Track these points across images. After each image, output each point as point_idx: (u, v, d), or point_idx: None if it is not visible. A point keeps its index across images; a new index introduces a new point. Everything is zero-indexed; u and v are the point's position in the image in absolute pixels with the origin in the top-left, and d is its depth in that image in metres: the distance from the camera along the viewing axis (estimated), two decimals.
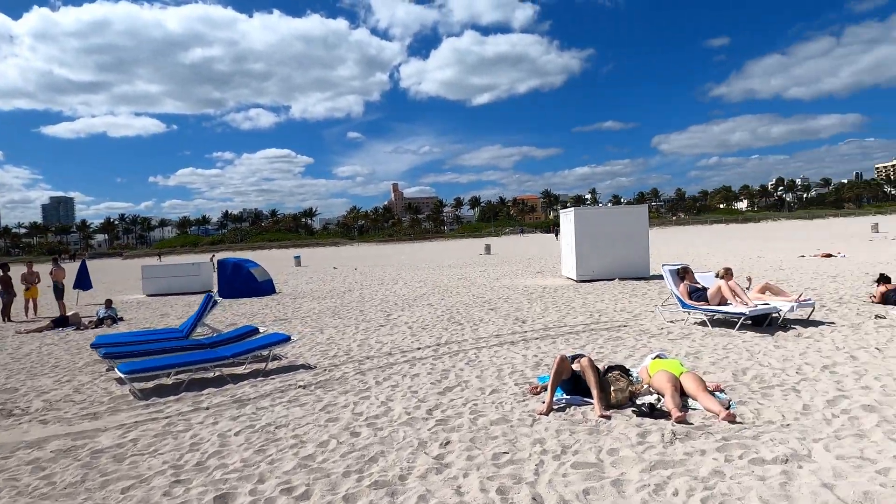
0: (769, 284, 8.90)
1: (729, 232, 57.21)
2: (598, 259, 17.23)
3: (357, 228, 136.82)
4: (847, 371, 5.62)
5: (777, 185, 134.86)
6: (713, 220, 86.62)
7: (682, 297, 8.90)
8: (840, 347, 6.68)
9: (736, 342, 7.28)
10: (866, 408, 4.49)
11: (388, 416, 4.97)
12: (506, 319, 10.30)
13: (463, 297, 14.14)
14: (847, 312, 9.09)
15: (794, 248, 26.92)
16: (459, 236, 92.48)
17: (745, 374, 5.70)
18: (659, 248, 34.04)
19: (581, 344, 7.78)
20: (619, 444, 4.03)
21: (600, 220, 17.66)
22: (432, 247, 65.63)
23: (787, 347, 6.83)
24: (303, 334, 9.84)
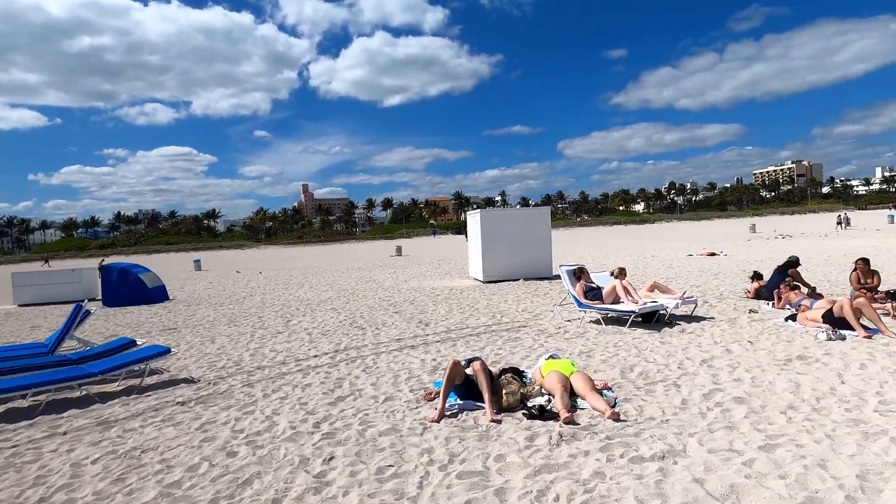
0: (657, 283, 9.37)
1: (627, 233, 60.65)
2: (504, 260, 17.51)
3: (265, 230, 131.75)
4: (722, 364, 5.96)
5: (670, 188, 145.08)
6: (613, 222, 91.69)
7: (578, 297, 9.16)
8: (718, 342, 7.10)
9: (626, 339, 7.55)
10: (737, 400, 4.74)
11: (271, 432, 4.64)
12: (409, 323, 10.15)
13: (369, 301, 13.84)
14: (726, 308, 9.75)
15: (683, 247, 28.85)
16: (371, 238, 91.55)
17: (632, 371, 5.89)
18: (563, 248, 35.33)
19: (481, 346, 7.77)
20: (506, 449, 3.97)
21: (505, 222, 17.98)
22: (343, 249, 64.44)
23: (671, 343, 7.17)
24: (191, 344, 9.16)
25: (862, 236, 30.37)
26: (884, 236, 29.04)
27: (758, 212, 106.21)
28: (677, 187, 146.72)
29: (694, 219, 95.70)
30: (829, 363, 5.74)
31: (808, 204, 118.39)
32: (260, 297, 16.49)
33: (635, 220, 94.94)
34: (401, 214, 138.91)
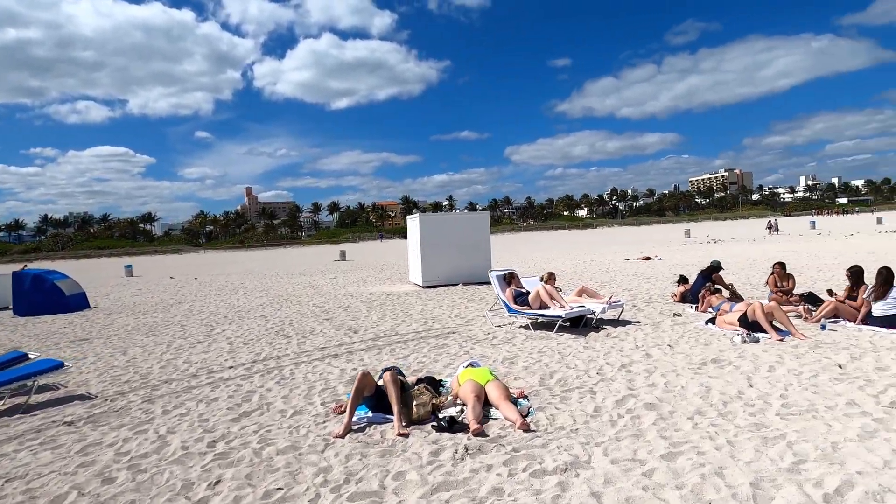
0: (585, 287, 9.43)
1: (570, 237, 61.86)
2: (443, 265, 17.40)
3: (205, 234, 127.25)
4: (640, 369, 5.97)
5: (612, 194, 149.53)
6: (557, 227, 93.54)
7: (507, 302, 9.09)
8: (639, 346, 7.16)
9: (552, 345, 7.51)
10: (648, 406, 4.72)
11: (159, 454, 4.28)
12: (338, 330, 9.83)
13: (302, 307, 13.41)
14: (652, 311, 9.92)
15: (621, 252, 29.57)
16: (316, 242, 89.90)
17: (552, 378, 5.82)
18: (507, 253, 35.63)
19: (406, 353, 7.56)
20: (408, 465, 3.77)
21: (444, 227, 17.89)
22: (286, 253, 62.89)
23: (594, 348, 7.17)
24: (99, 357, 8.54)
25: (787, 241, 32.00)
26: (805, 241, 30.69)
27: (693, 217, 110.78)
28: (619, 193, 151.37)
29: (634, 224, 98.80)
30: (741, 366, 5.84)
31: (739, 210, 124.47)
32: (189, 304, 15.74)
33: (578, 225, 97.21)
34: (347, 219, 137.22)
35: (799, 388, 4.97)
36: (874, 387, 4.89)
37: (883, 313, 7.39)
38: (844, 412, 4.30)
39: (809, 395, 4.76)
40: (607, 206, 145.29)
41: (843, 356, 5.97)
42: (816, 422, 4.14)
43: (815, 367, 5.63)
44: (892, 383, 4.95)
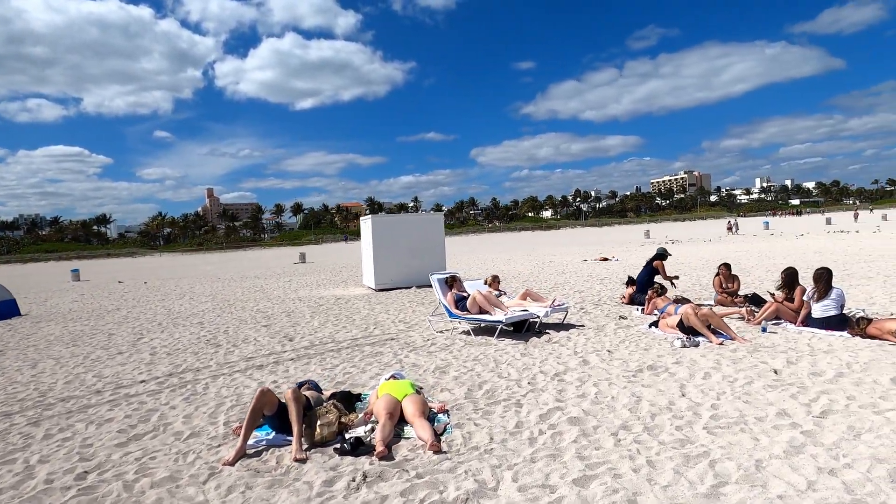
0: (529, 290, 9.14)
1: (533, 238, 62.04)
2: (396, 267, 16.99)
3: (163, 237, 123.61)
4: (574, 378, 5.67)
5: (575, 196, 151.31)
6: (521, 228, 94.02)
7: (448, 307, 8.73)
8: (578, 352, 6.88)
9: (489, 352, 7.18)
10: (572, 420, 4.40)
11: (17, 489, 3.74)
12: (273, 338, 9.31)
13: (244, 313, 12.79)
14: (599, 314, 9.69)
15: (581, 252, 29.63)
16: (278, 244, 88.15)
17: (481, 389, 5.47)
18: (469, 255, 35.38)
19: (337, 363, 7.11)
20: (295, 498, 3.35)
21: (397, 228, 17.48)
22: (246, 256, 61.37)
23: (532, 355, 6.86)
24: (3, 371, 7.83)
25: (741, 241, 32.61)
26: (758, 241, 31.32)
27: (653, 218, 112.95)
28: (582, 195, 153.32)
29: (597, 225, 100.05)
30: (677, 373, 5.60)
31: (698, 211, 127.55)
32: (127, 310, 14.91)
33: (542, 226, 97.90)
34: (311, 220, 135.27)
35: (732, 396, 4.74)
36: (807, 394, 4.69)
37: (822, 315, 7.29)
38: (774, 424, 4.05)
39: (741, 404, 4.52)
40: (571, 207, 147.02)
41: (780, 361, 5.79)
42: (744, 435, 3.88)
43: (750, 373, 5.43)
44: (824, 390, 4.76)
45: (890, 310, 8.60)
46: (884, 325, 6.60)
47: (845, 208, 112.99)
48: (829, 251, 21.29)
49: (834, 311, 7.23)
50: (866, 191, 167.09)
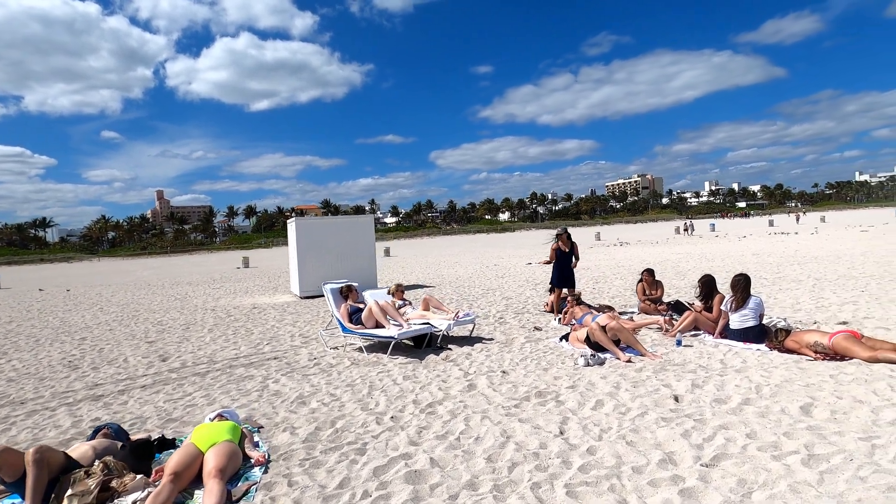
0: (430, 299, 8.26)
1: (487, 241, 61.55)
2: (321, 273, 15.91)
3: (108, 241, 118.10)
4: (447, 409, 4.80)
5: (532, 199, 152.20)
6: (476, 230, 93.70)
7: (342, 320, 7.77)
8: (470, 373, 6.02)
9: (371, 374, 6.25)
10: (412, 476, 3.49)
11: None
12: (146, 357, 8.15)
13: (141, 326, 11.51)
14: (514, 325, 8.90)
15: (528, 255, 29.10)
16: (226, 248, 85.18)
17: (332, 427, 4.53)
18: (416, 258, 34.47)
19: (191, 390, 6.04)
20: None
21: (323, 232, 16.44)
22: (190, 260, 58.77)
23: (416, 377, 5.96)
24: None
25: (686, 243, 32.75)
26: (702, 243, 31.48)
27: (606, 221, 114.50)
28: (539, 198, 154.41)
29: (552, 227, 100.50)
30: (566, 401, 4.80)
31: (650, 213, 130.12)
32: (17, 323, 13.36)
33: (497, 228, 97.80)
34: (265, 223, 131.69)
35: (616, 435, 3.94)
36: (703, 430, 3.93)
37: (740, 326, 6.66)
38: (650, 478, 3.26)
39: (623, 447, 3.72)
40: (528, 210, 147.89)
41: (685, 383, 5.06)
42: (609, 497, 3.06)
43: (648, 400, 4.66)
44: (724, 423, 4.02)
45: (815, 316, 8.10)
46: (802, 337, 5.98)
47: (788, 211, 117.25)
48: (766, 253, 21.27)
49: (752, 322, 6.60)
50: (807, 194, 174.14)
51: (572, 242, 9.83)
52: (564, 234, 9.82)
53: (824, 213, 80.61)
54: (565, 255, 9.76)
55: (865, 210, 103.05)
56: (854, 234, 31.64)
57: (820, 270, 14.12)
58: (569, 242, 9.78)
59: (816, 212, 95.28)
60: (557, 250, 9.81)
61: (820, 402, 4.33)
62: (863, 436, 3.65)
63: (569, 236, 9.87)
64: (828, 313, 8.30)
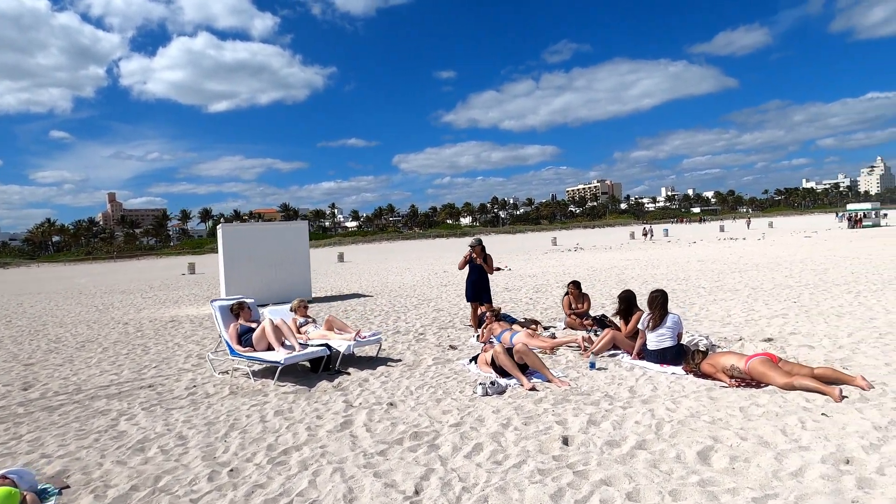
0: (333, 319, 7.50)
1: (445, 245, 60.95)
2: (250, 283, 15.02)
3: (53, 245, 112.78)
4: (301, 458, 4.07)
5: (493, 203, 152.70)
6: (436, 235, 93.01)
7: (229, 341, 6.95)
8: (355, 405, 5.31)
9: (243, 409, 5.45)
10: None
11: None
12: (6, 385, 7.14)
13: (32, 344, 10.40)
14: (431, 343, 8.23)
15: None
16: (177, 253, 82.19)
17: (150, 487, 3.74)
18: (364, 264, 33.57)
19: (23, 432, 5.14)
20: None
21: (253, 239, 15.52)
22: (135, 266, 56.24)
23: (290, 413, 5.20)
24: None
25: (638, 249, 32.84)
26: (653, 249, 31.59)
27: (565, 226, 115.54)
28: (500, 202, 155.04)
29: (511, 232, 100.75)
30: (444, 444, 4.14)
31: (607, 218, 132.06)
32: None
33: (457, 233, 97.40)
34: None
35: (477, 497, 3.29)
36: (580, 488, 3.32)
37: (657, 346, 6.14)
38: None
39: None
40: (489, 214, 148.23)
41: (582, 420, 4.46)
42: None
43: (533, 444, 4.04)
44: (607, 477, 3.41)
45: (742, 331, 7.69)
46: (718, 360, 5.49)
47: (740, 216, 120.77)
48: (711, 259, 21.27)
49: (669, 342, 6.10)
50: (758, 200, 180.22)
51: (486, 255, 9.24)
52: (479, 246, 9.21)
53: (772, 219, 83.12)
54: (478, 267, 9.16)
55: (811, 216, 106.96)
56: (798, 239, 32.30)
57: (758, 279, 13.97)
58: (482, 254, 9.18)
59: (765, 217, 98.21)
60: (470, 262, 9.21)
61: (722, 445, 3.78)
62: (758, 494, 3.09)
63: (483, 248, 9.27)
64: (755, 328, 7.92)
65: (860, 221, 44.09)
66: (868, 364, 5.62)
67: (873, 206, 49.57)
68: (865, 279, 12.71)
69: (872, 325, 7.55)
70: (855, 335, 7.04)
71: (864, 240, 28.06)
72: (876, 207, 49.84)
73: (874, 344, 6.49)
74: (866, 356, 5.94)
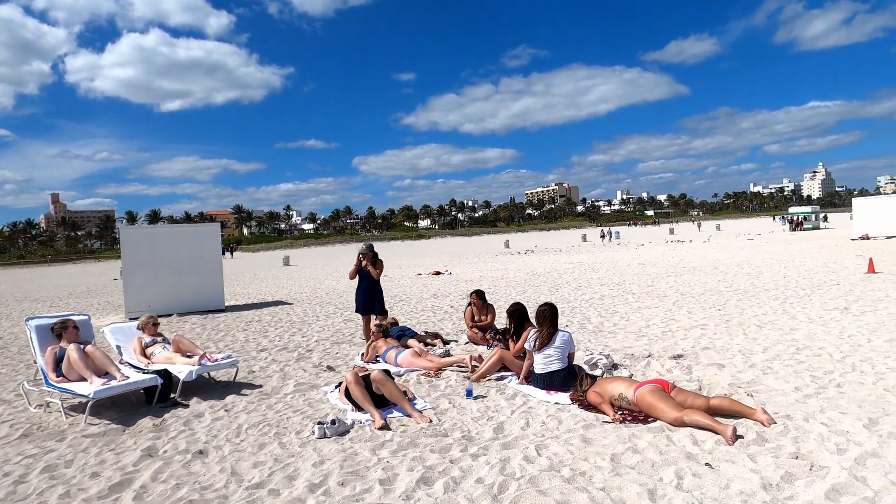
0: (179, 340, 6.35)
1: (399, 248, 59.70)
2: (153, 291, 13.69)
3: None
4: None
5: (451, 206, 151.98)
6: (391, 238, 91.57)
7: (45, 369, 5.74)
8: (161, 453, 4.23)
9: (18, 459, 4.31)
10: None
11: None
12: None
13: None
14: (313, 362, 7.19)
15: (427, 265, 27.61)
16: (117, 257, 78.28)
17: None
18: (299, 268, 32.12)
19: None
20: None
21: (157, 243, 14.11)
22: (68, 271, 52.94)
23: (61, 469, 4.07)
24: None
25: (587, 252, 32.45)
26: (600, 251, 31.26)
27: (521, 228, 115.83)
28: (458, 204, 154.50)
29: (467, 234, 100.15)
30: None
31: (564, 221, 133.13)
32: None
33: (412, 235, 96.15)
34: None
35: None
36: None
37: (544, 370, 5.27)
38: None
39: None
40: (448, 216, 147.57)
41: (415, 474, 3.51)
42: None
43: None
44: None
45: (655, 346, 6.93)
46: (606, 388, 4.64)
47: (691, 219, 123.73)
48: (652, 263, 20.87)
49: (557, 365, 5.23)
50: (708, 203, 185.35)
51: (377, 261, 8.26)
52: (369, 253, 8.23)
53: (720, 222, 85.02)
54: (367, 276, 8.18)
55: (757, 219, 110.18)
56: (741, 242, 32.53)
57: (690, 283, 13.44)
58: (373, 261, 8.20)
59: (714, 220, 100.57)
60: (359, 270, 8.22)
61: None
62: None
63: (375, 255, 8.29)
64: (670, 341, 7.18)
65: (801, 224, 45.07)
66: (776, 389, 4.88)
67: (813, 210, 50.96)
68: (795, 283, 12.31)
69: (791, 338, 6.91)
70: (771, 349, 6.36)
71: (802, 242, 28.35)
72: (815, 211, 51.25)
73: (788, 361, 5.79)
74: (776, 377, 5.21)
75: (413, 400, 5.05)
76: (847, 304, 9.23)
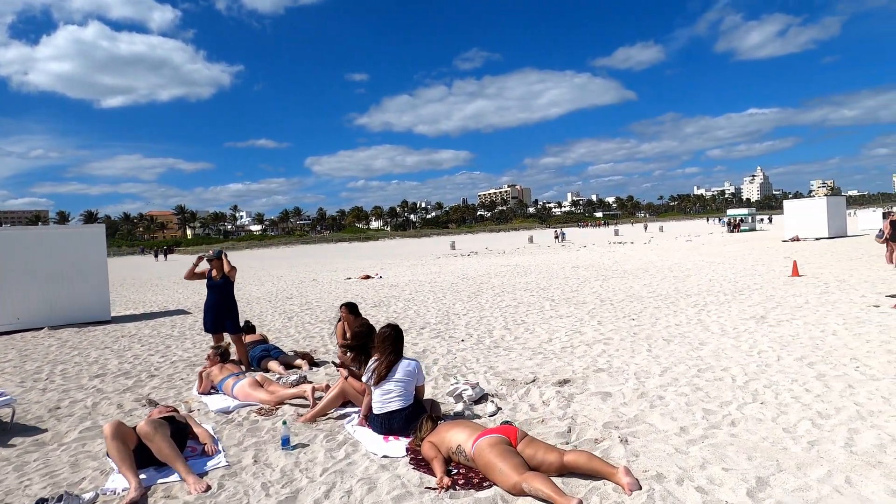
0: None
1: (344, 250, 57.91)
2: (23, 300, 12.10)
3: None
4: None
5: (403, 207, 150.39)
6: (338, 239, 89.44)
7: None
8: None
9: None
10: None
11: None
12: None
13: None
14: (138, 395, 5.92)
15: (361, 268, 26.35)
16: None
17: None
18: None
19: None
20: None
21: (30, 246, 12.40)
22: None
23: None
24: None
25: (529, 253, 31.84)
26: (541, 253, 30.71)
27: (471, 229, 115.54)
28: (410, 206, 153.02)
29: (417, 236, 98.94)
30: None
31: (515, 223, 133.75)
32: None
33: (360, 237, 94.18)
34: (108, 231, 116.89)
35: None
36: None
37: (382, 409, 4.20)
38: None
39: None
40: (400, 218, 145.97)
41: None
42: None
43: None
44: None
45: (545, 367, 5.99)
46: (445, 436, 3.61)
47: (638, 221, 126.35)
48: (585, 266, 20.27)
49: (398, 403, 4.17)
50: (654, 205, 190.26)
51: (231, 267, 7.04)
52: (218, 260, 6.98)
53: (665, 223, 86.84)
54: (218, 287, 6.94)
55: (700, 220, 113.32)
56: (679, 243, 32.61)
57: (615, 288, 12.73)
58: (224, 268, 6.96)
59: (659, 222, 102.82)
60: (208, 281, 6.98)
61: None
62: None
63: (228, 263, 7.05)
64: (564, 360, 6.26)
65: (738, 226, 45.99)
66: (659, 430, 3.97)
67: (749, 212, 52.28)
68: (719, 287, 11.75)
69: (697, 356, 6.10)
70: (670, 371, 5.51)
71: (737, 244, 28.50)
72: (752, 213, 52.63)
73: (684, 388, 4.93)
74: (663, 412, 4.31)
75: (208, 456, 3.90)
76: (765, 311, 8.61)
